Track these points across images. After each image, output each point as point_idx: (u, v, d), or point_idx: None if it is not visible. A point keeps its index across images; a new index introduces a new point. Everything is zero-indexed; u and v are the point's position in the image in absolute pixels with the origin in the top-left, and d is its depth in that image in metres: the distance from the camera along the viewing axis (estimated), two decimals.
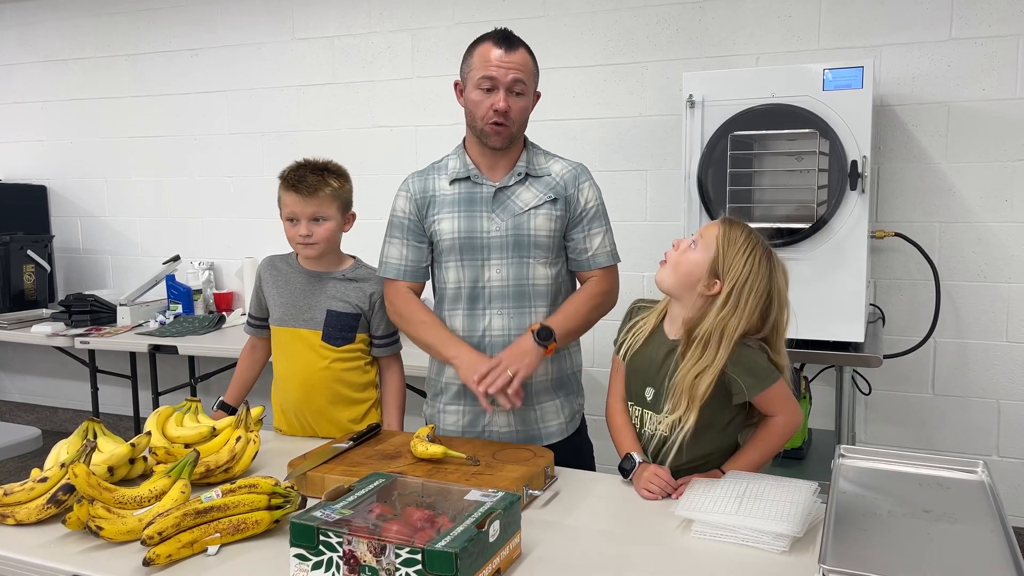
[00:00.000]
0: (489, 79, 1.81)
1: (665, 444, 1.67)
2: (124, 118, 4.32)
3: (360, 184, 2.25)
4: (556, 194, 1.91)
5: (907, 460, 1.46)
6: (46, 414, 4.73)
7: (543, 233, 1.89)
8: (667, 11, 3.23)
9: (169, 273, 3.98)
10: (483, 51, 1.84)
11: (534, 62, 1.89)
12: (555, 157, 1.98)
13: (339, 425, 2.06)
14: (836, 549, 1.13)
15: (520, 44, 1.86)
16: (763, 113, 2.52)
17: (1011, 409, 2.96)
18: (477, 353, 1.84)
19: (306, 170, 2.03)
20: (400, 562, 1.14)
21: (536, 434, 1.94)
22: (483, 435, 1.94)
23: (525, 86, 1.84)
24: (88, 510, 1.36)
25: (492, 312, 1.90)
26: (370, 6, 3.73)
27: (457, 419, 1.97)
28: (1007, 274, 2.91)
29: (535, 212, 1.89)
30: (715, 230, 1.66)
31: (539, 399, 1.94)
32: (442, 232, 1.91)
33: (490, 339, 1.90)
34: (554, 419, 1.96)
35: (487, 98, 1.82)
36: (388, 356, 2.15)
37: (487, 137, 1.86)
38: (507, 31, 1.88)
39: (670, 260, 1.68)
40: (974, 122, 2.88)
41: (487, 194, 1.90)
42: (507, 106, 1.81)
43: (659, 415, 1.68)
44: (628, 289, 2.09)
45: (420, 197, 1.95)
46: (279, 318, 2.10)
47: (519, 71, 1.82)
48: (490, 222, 1.89)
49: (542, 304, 1.91)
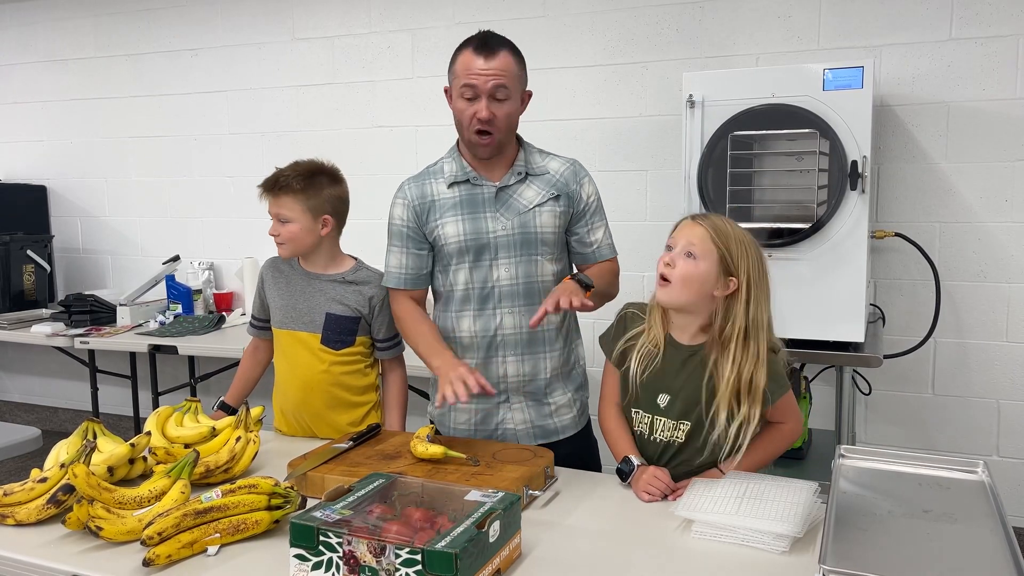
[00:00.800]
0: (470, 87, 1.79)
1: (676, 448, 1.67)
2: (124, 118, 4.32)
3: (360, 184, 2.25)
4: (558, 191, 1.91)
5: (907, 460, 1.46)
6: (46, 414, 4.73)
7: (549, 230, 1.89)
8: (667, 11, 3.23)
9: (169, 273, 3.98)
10: (464, 59, 1.81)
11: (518, 62, 1.84)
12: (550, 155, 1.98)
13: (338, 428, 2.06)
14: (836, 549, 1.13)
15: (501, 47, 1.81)
16: (763, 113, 2.52)
17: (1011, 409, 2.96)
18: (455, 360, 1.80)
19: (285, 170, 2.04)
20: (400, 562, 1.14)
21: (551, 427, 1.94)
22: (496, 432, 1.93)
23: (508, 91, 1.80)
24: (88, 510, 1.36)
25: (503, 311, 1.89)
26: (370, 6, 3.73)
27: (469, 417, 1.96)
28: (1007, 274, 2.91)
29: (540, 209, 1.89)
30: (701, 232, 1.63)
31: (552, 393, 1.94)
32: (447, 236, 1.89)
33: (502, 338, 1.90)
34: (567, 412, 1.96)
35: (470, 106, 1.81)
36: (391, 358, 2.15)
37: (474, 148, 1.86)
38: (486, 35, 1.83)
39: (675, 278, 1.62)
40: (974, 122, 2.88)
41: (489, 194, 1.89)
42: (490, 114, 1.79)
43: (673, 420, 1.67)
44: (628, 289, 2.09)
45: (419, 203, 1.93)
46: (279, 320, 2.10)
47: (499, 77, 1.78)
48: (495, 222, 1.88)
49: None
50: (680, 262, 1.63)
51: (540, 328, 1.90)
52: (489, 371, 1.91)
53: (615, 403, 1.79)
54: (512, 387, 1.92)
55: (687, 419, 1.67)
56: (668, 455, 1.69)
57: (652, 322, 1.73)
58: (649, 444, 1.72)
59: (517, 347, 1.90)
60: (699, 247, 1.62)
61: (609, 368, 1.81)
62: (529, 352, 1.91)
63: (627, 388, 1.74)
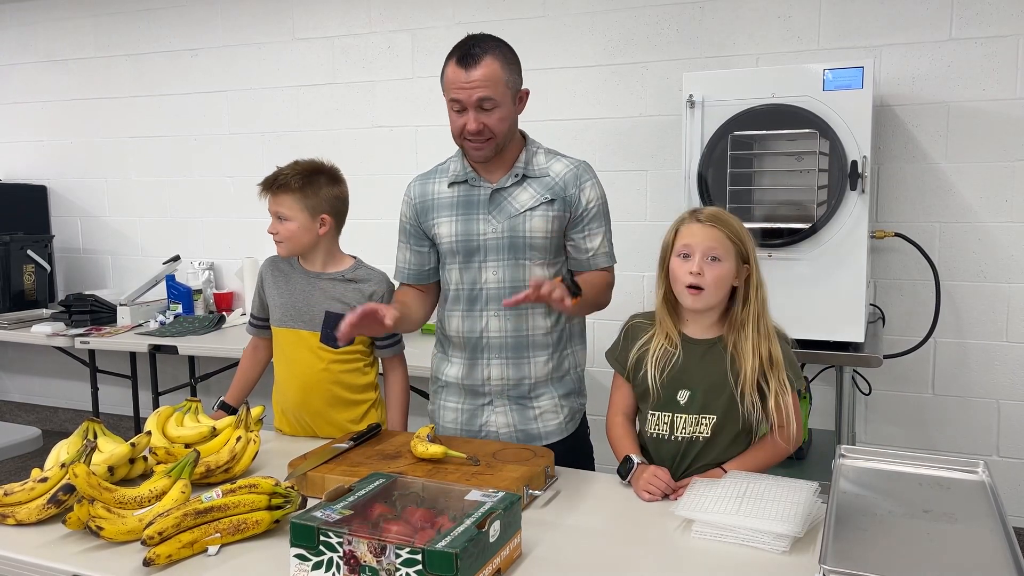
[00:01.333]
0: (456, 101, 1.79)
1: (702, 445, 1.68)
2: (124, 118, 4.32)
3: (360, 184, 2.25)
4: (554, 195, 1.88)
5: (907, 460, 1.46)
6: (46, 414, 4.73)
7: (539, 235, 1.87)
8: (667, 11, 3.23)
9: (169, 273, 3.98)
10: (448, 73, 1.80)
11: (506, 66, 1.79)
12: (557, 155, 1.94)
13: (338, 426, 2.06)
14: (836, 549, 1.13)
15: (484, 55, 1.76)
16: (763, 113, 2.52)
17: (1011, 409, 2.96)
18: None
19: (284, 169, 2.05)
20: (400, 562, 1.14)
21: (535, 432, 1.94)
22: (480, 433, 1.94)
23: (494, 100, 1.78)
24: (88, 510, 1.37)
25: (489, 314, 1.90)
26: (370, 6, 3.73)
27: (456, 416, 1.97)
28: (1007, 274, 2.91)
29: (531, 213, 1.87)
30: (717, 234, 1.66)
31: (537, 397, 1.94)
32: (441, 236, 1.92)
33: (487, 340, 1.91)
34: (553, 418, 1.95)
35: (460, 118, 1.81)
36: (392, 357, 2.15)
37: (467, 154, 1.88)
38: (469, 45, 1.79)
39: (708, 284, 1.65)
40: (974, 122, 2.88)
41: (484, 196, 1.89)
42: (479, 125, 1.78)
43: (695, 415, 1.68)
44: (628, 289, 2.09)
45: (419, 202, 1.96)
46: (279, 318, 2.10)
47: (483, 88, 1.76)
48: (486, 224, 1.88)
49: (539, 306, 1.89)
50: (707, 268, 1.65)
51: (527, 332, 1.90)
52: (474, 372, 1.93)
53: (622, 412, 1.80)
54: (495, 390, 1.93)
55: (711, 412, 1.67)
56: (694, 452, 1.69)
57: (664, 324, 1.74)
58: (670, 444, 1.70)
59: (502, 351, 1.90)
60: (720, 249, 1.66)
61: (619, 380, 1.81)
62: (514, 356, 1.91)
63: (647, 394, 1.74)
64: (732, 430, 1.68)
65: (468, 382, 1.94)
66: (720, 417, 1.67)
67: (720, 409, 1.67)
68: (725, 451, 1.68)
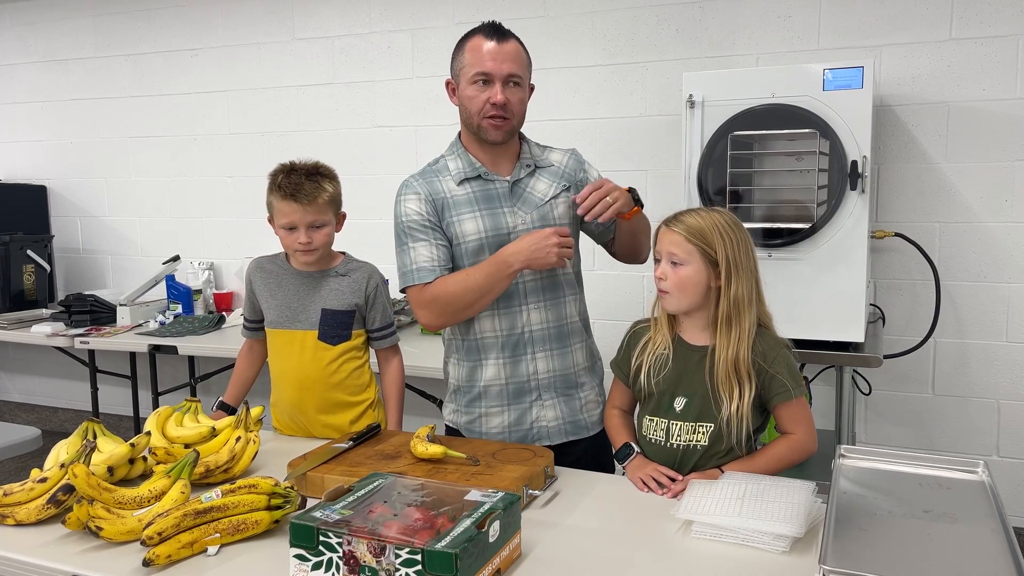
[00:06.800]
0: (483, 73, 1.77)
1: (699, 453, 1.66)
2: (124, 118, 4.32)
3: (360, 184, 2.25)
4: (568, 181, 1.91)
5: (907, 460, 1.46)
6: (46, 414, 4.73)
7: (566, 221, 1.88)
8: (667, 11, 3.23)
9: (169, 273, 3.98)
10: (475, 44, 1.80)
11: (526, 53, 1.86)
12: (548, 147, 1.97)
13: (335, 427, 2.06)
14: (836, 549, 1.13)
15: (512, 35, 1.82)
16: (763, 113, 2.52)
17: (1011, 409, 2.96)
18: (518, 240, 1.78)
19: (300, 176, 1.98)
20: (400, 562, 1.14)
21: (582, 423, 1.92)
22: (532, 431, 1.89)
23: (520, 79, 1.81)
24: (88, 510, 1.36)
25: (529, 307, 1.86)
26: (370, 6, 3.73)
27: (502, 420, 1.89)
28: (1007, 274, 2.91)
29: (555, 202, 1.88)
30: (675, 237, 1.66)
31: (581, 387, 1.92)
32: (466, 234, 1.83)
33: (530, 335, 1.87)
34: (595, 408, 1.95)
35: (483, 92, 1.78)
36: (386, 348, 2.15)
37: (485, 132, 1.81)
38: (497, 23, 1.83)
39: (670, 288, 1.66)
40: (974, 122, 2.88)
41: (503, 189, 1.86)
42: (505, 99, 1.77)
43: (691, 423, 1.67)
44: (628, 289, 2.10)
45: (435, 198, 1.85)
46: (273, 320, 2.09)
47: (514, 62, 1.79)
48: (514, 216, 1.85)
49: (573, 292, 1.91)
50: (669, 272, 1.67)
51: (566, 320, 1.89)
52: (518, 370, 1.87)
53: (619, 406, 1.83)
54: (544, 384, 1.88)
55: (708, 420, 1.65)
56: (691, 460, 1.67)
57: (659, 326, 1.74)
58: (667, 451, 1.69)
59: (546, 342, 1.87)
60: (679, 253, 1.65)
61: (617, 381, 1.83)
62: (558, 346, 1.88)
63: (643, 397, 1.74)
64: (730, 440, 1.64)
65: (513, 381, 1.87)
66: (717, 426, 1.65)
67: (716, 418, 1.65)
68: (722, 461, 1.65)
